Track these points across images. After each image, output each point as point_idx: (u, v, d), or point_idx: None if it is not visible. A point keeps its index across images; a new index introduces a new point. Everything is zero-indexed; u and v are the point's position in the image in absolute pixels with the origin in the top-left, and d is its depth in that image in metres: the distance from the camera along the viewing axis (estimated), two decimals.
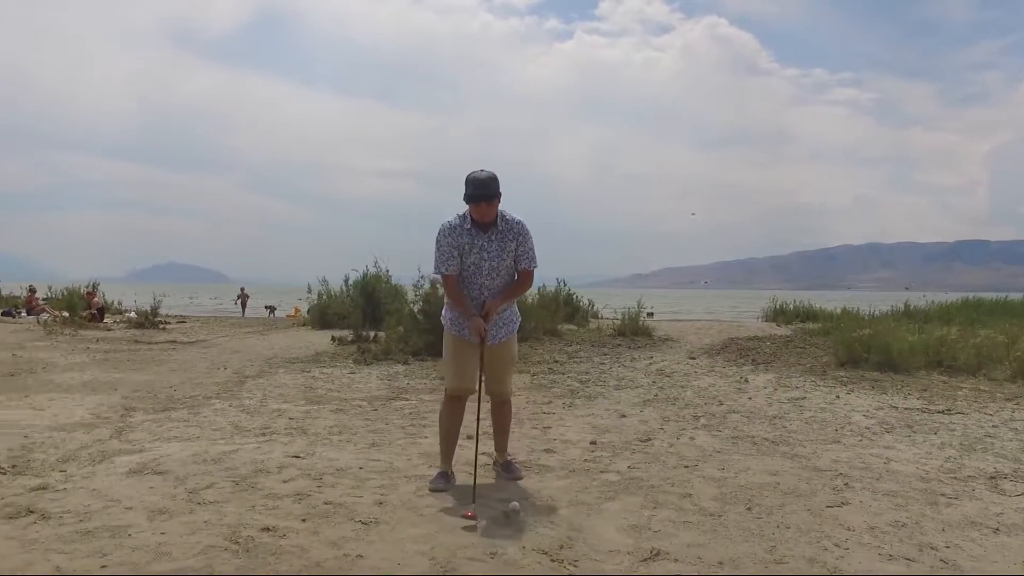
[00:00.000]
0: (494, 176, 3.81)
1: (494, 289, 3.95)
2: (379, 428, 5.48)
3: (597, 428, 5.55)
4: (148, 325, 15.83)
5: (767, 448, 4.95)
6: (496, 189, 3.80)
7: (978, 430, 5.53)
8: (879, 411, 6.28)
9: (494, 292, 3.95)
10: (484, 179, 3.78)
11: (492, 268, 3.92)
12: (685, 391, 7.41)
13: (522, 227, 3.95)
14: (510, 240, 3.92)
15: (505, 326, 4.07)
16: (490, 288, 3.94)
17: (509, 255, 3.94)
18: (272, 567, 2.81)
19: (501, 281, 3.96)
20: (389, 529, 3.25)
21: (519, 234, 3.93)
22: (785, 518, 3.48)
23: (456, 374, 4.03)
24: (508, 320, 4.09)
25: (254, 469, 4.20)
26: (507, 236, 3.91)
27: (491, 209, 3.84)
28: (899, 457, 4.71)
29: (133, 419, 5.74)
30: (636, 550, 3.05)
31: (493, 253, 3.90)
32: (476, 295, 3.96)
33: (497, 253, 3.90)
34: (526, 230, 3.95)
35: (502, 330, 4.04)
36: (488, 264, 3.91)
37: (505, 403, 4.23)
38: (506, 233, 3.91)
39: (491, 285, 3.94)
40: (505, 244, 3.91)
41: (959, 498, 3.85)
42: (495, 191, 3.80)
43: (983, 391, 7.29)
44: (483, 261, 3.90)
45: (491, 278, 3.94)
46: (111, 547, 3.01)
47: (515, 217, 3.95)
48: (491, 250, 3.89)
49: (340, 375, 8.38)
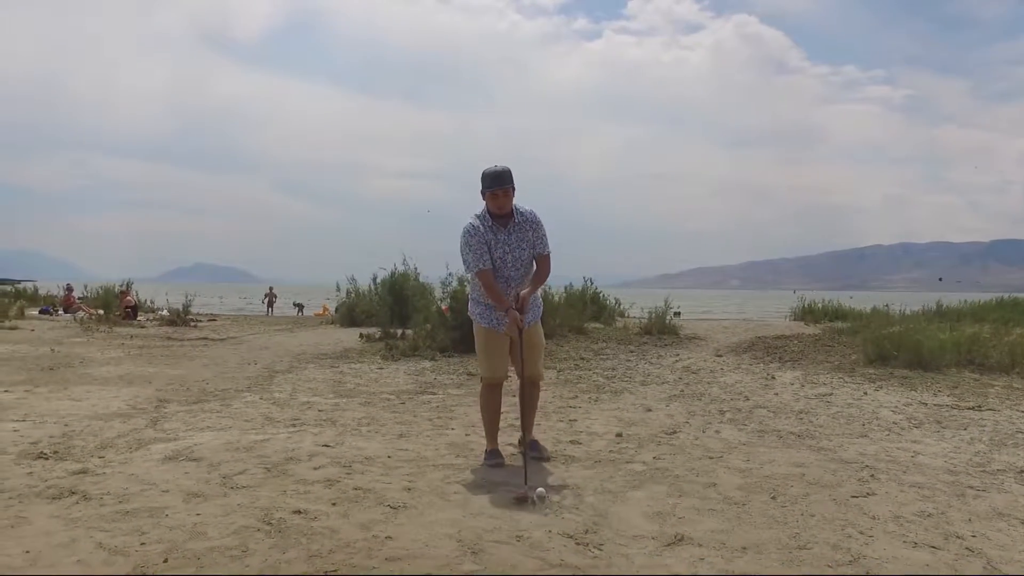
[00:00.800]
0: (508, 169, 4.12)
1: (519, 279, 4.21)
2: (407, 420, 5.57)
3: (623, 421, 5.58)
4: (180, 323, 16.13)
5: (793, 441, 4.94)
6: (509, 179, 4.11)
7: (1009, 426, 5.47)
8: (907, 407, 6.23)
9: (519, 281, 4.21)
10: (500, 171, 4.10)
11: (516, 259, 4.19)
12: (711, 387, 7.40)
13: (534, 216, 4.24)
14: (527, 231, 4.20)
15: (532, 311, 4.31)
16: (516, 279, 4.20)
17: (528, 245, 4.21)
18: (304, 547, 2.89)
19: (524, 270, 4.23)
20: (417, 513, 3.32)
21: (533, 223, 4.22)
22: (810, 507, 3.49)
23: (489, 363, 4.31)
24: (535, 306, 4.37)
25: (285, 457, 4.30)
26: (524, 227, 4.19)
27: (508, 199, 4.13)
28: (927, 451, 4.68)
29: (167, 410, 5.89)
30: (660, 535, 3.09)
31: (514, 245, 4.18)
32: (504, 287, 4.18)
33: (518, 244, 4.18)
34: (538, 219, 4.24)
35: (529, 315, 4.28)
36: (512, 256, 4.18)
37: (536, 385, 4.47)
38: (523, 225, 4.19)
39: (516, 276, 4.21)
40: (524, 235, 4.19)
41: (987, 490, 3.82)
42: (511, 181, 4.12)
43: (1016, 389, 7.18)
44: (507, 254, 4.17)
45: (516, 269, 4.20)
46: (149, 526, 3.11)
47: (527, 208, 4.24)
48: (512, 243, 4.17)
49: (368, 371, 8.49)
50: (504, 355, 4.31)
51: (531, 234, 4.19)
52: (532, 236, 4.20)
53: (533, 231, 4.20)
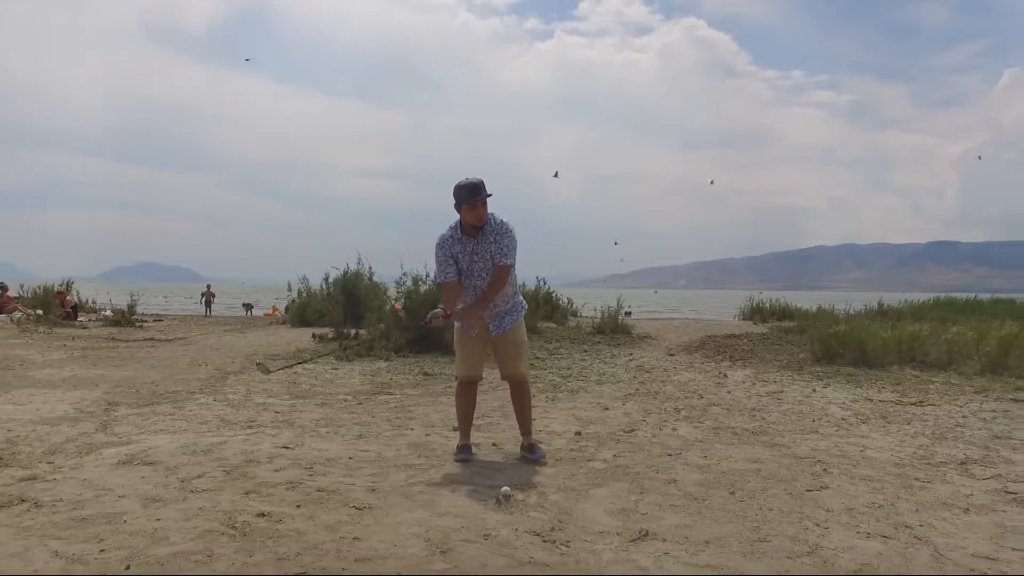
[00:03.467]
0: (482, 181, 4.19)
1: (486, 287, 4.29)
2: (365, 421, 5.53)
3: (581, 420, 5.65)
4: (125, 323, 15.67)
5: (747, 438, 5.07)
6: (484, 191, 4.18)
7: (949, 420, 5.70)
8: (855, 403, 6.45)
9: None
10: (475, 183, 4.16)
11: (482, 268, 4.27)
12: (665, 386, 7.53)
13: (503, 227, 4.27)
14: (491, 242, 4.24)
15: (508, 316, 4.40)
16: (483, 287, 4.28)
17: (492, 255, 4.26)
18: (271, 550, 2.85)
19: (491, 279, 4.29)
20: (383, 514, 3.31)
21: (498, 233, 4.25)
22: (767, 501, 3.59)
23: (462, 363, 4.46)
24: (509, 311, 4.42)
25: (244, 459, 4.23)
26: (490, 238, 4.23)
27: (483, 211, 4.20)
28: (874, 445, 4.85)
29: (117, 413, 5.73)
30: (625, 531, 3.14)
31: (481, 254, 4.25)
32: (472, 295, 4.30)
33: (484, 254, 4.24)
34: (506, 230, 4.26)
35: (505, 320, 4.38)
36: (478, 266, 4.26)
37: (520, 385, 4.50)
38: (490, 235, 4.23)
39: (483, 284, 4.28)
40: (489, 245, 4.24)
41: (932, 482, 3.99)
42: (483, 193, 4.18)
43: (954, 384, 7.49)
44: (474, 264, 4.25)
45: (482, 278, 4.28)
46: (108, 533, 3.04)
47: (501, 219, 4.28)
48: (479, 252, 4.24)
49: (323, 371, 8.40)
50: (477, 355, 4.42)
51: (494, 244, 4.22)
52: (494, 246, 4.23)
53: (496, 241, 4.23)
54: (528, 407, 4.51)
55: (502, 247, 4.23)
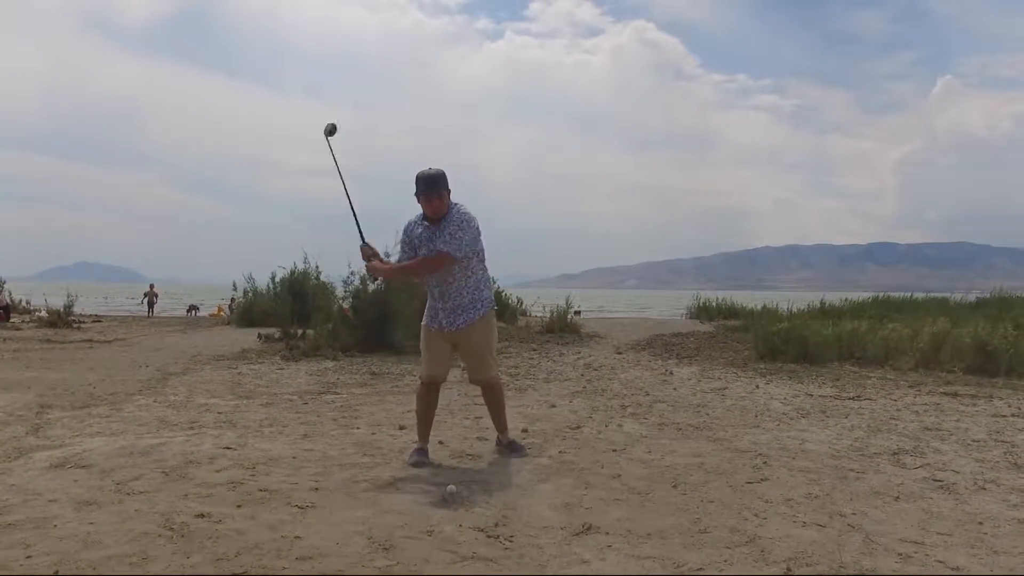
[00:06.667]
0: (441, 172, 4.10)
1: (441, 277, 4.18)
2: (310, 420, 5.46)
3: (528, 417, 5.66)
4: (61, 324, 15.17)
5: (691, 433, 5.15)
6: (441, 184, 4.08)
7: (884, 413, 5.89)
8: (795, 398, 6.61)
9: (443, 277, 4.18)
10: (430, 176, 4.07)
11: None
12: (612, 383, 7.61)
13: (462, 218, 4.13)
14: (445, 229, 4.13)
15: (464, 312, 4.23)
16: (437, 276, 4.18)
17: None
18: (210, 550, 2.79)
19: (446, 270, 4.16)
20: (326, 512, 3.27)
21: (453, 223, 4.12)
22: (709, 494, 3.66)
23: (427, 363, 4.33)
24: (467, 307, 4.23)
25: (184, 460, 4.13)
26: (450, 227, 4.12)
27: (439, 203, 4.09)
28: (813, 438, 4.98)
29: (50, 416, 5.54)
30: (568, 525, 3.16)
31: (436, 243, 4.14)
32: (436, 285, 4.22)
33: (438, 243, 4.13)
34: (463, 221, 4.12)
35: (460, 316, 4.22)
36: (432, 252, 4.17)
37: (492, 388, 4.44)
38: (450, 225, 4.12)
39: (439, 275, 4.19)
40: (444, 234, 4.12)
41: (865, 472, 4.12)
42: (441, 186, 4.08)
43: (889, 379, 7.76)
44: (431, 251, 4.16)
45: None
46: (36, 538, 2.93)
47: (466, 211, 4.16)
48: (435, 240, 4.14)
49: (268, 371, 8.26)
50: (441, 357, 4.30)
51: (447, 233, 4.09)
52: (447, 233, 4.09)
53: (448, 230, 4.09)
54: (499, 407, 4.48)
55: (447, 233, 4.08)
